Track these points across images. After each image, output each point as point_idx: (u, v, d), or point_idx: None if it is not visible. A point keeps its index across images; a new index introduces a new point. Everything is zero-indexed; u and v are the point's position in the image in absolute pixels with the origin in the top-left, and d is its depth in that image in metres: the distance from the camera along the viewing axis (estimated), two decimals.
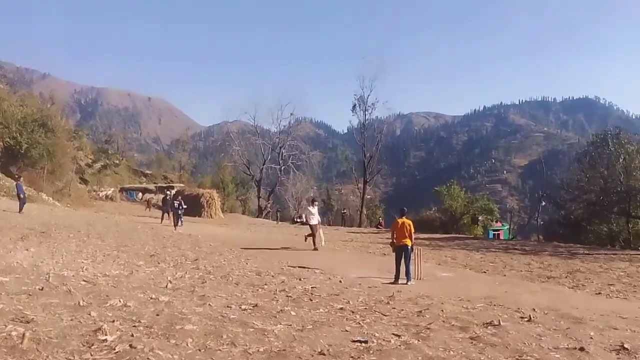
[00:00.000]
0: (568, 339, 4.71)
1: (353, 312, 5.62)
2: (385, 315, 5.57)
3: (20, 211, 18.08)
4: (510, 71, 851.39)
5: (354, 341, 4.13)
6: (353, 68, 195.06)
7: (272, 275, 8.80)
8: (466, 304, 6.78)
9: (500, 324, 5.14)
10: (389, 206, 58.54)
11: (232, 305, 5.44)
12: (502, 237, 33.58)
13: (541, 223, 36.41)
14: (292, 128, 59.42)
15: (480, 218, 33.83)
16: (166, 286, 6.48)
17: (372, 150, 48.54)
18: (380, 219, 41.84)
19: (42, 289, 5.16)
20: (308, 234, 15.58)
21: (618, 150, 24.36)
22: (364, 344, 4.04)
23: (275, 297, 6.38)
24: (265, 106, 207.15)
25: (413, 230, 9.97)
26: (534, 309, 6.29)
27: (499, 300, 7.33)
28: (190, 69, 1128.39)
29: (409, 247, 9.68)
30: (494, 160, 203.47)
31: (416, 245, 10.51)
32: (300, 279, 8.57)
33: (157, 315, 4.48)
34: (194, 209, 33.97)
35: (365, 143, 48.64)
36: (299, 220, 38.86)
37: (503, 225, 39.47)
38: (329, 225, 38.31)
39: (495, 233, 34.89)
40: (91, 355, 3.14)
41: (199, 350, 3.51)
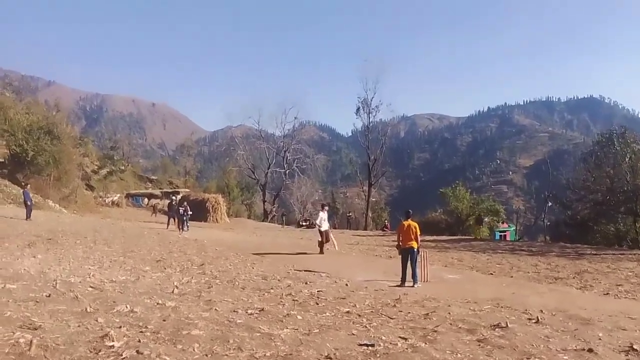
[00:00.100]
0: (576, 341, 4.67)
1: (359, 316, 5.61)
2: (392, 319, 5.56)
3: (28, 218, 18.21)
4: (511, 71, 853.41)
5: (360, 345, 4.12)
6: (355, 69, 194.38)
7: (278, 280, 8.79)
8: (473, 306, 6.74)
9: (507, 325, 5.11)
10: (394, 209, 58.42)
11: (239, 310, 5.44)
12: (509, 238, 33.48)
13: (548, 224, 36.27)
14: (297, 132, 59.61)
15: (486, 219, 33.67)
16: (172, 291, 6.49)
17: (377, 153, 48.44)
18: (386, 221, 41.79)
19: (50, 296, 5.18)
20: (321, 241, 15.05)
21: (624, 149, 24.22)
22: (370, 348, 4.03)
23: (281, 301, 6.37)
24: (269, 110, 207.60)
25: (419, 232, 9.93)
26: (541, 311, 6.25)
27: (506, 302, 7.28)
28: (193, 73, 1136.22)
29: (415, 250, 9.65)
30: (499, 161, 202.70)
31: (422, 248, 10.47)
32: (306, 283, 8.55)
33: (164, 320, 4.49)
34: (200, 213, 34.03)
35: (369, 145, 48.55)
36: (305, 223, 38.95)
37: (509, 226, 39.35)
38: (334, 228, 38.19)
39: (502, 234, 34.79)
40: None
41: (206, 355, 3.51)
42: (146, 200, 48.37)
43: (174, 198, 27.95)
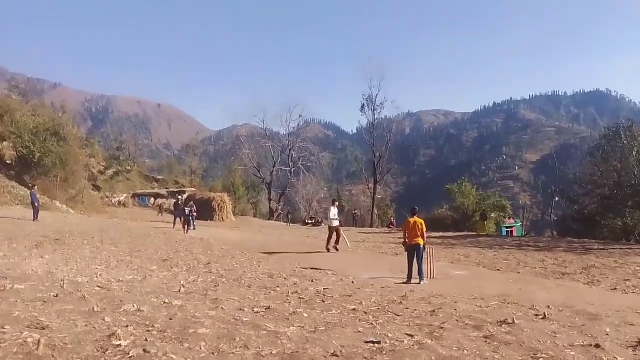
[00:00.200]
0: (583, 336, 4.65)
1: (366, 313, 5.60)
2: (399, 316, 5.55)
3: (35, 219, 18.36)
4: (512, 71, 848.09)
5: (367, 342, 4.11)
6: (358, 68, 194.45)
7: (285, 278, 8.79)
8: (480, 302, 6.72)
9: (514, 322, 5.09)
10: (400, 206, 58.42)
11: (245, 308, 5.45)
12: (516, 234, 33.31)
13: (555, 219, 36.01)
14: (301, 130, 59.60)
15: (492, 215, 33.52)
16: (179, 290, 6.51)
17: (382, 150, 48.38)
18: (392, 218, 41.70)
19: (57, 296, 5.22)
20: (335, 239, 14.90)
21: (631, 143, 24.00)
22: (377, 345, 4.03)
23: (287, 299, 6.38)
24: (274, 108, 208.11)
25: (425, 229, 9.91)
26: (548, 306, 6.21)
27: (513, 298, 7.25)
28: (197, 74, 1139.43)
29: (422, 247, 9.63)
30: (505, 157, 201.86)
31: (428, 244, 10.45)
32: (312, 281, 8.55)
33: (171, 319, 4.51)
34: (206, 212, 34.20)
35: (374, 143, 48.51)
36: (310, 222, 38.98)
37: (516, 222, 39.18)
38: (340, 226, 38.23)
39: (509, 230, 34.63)
40: None
41: (213, 353, 3.52)
42: (152, 200, 48.62)
43: (180, 198, 28.06)
